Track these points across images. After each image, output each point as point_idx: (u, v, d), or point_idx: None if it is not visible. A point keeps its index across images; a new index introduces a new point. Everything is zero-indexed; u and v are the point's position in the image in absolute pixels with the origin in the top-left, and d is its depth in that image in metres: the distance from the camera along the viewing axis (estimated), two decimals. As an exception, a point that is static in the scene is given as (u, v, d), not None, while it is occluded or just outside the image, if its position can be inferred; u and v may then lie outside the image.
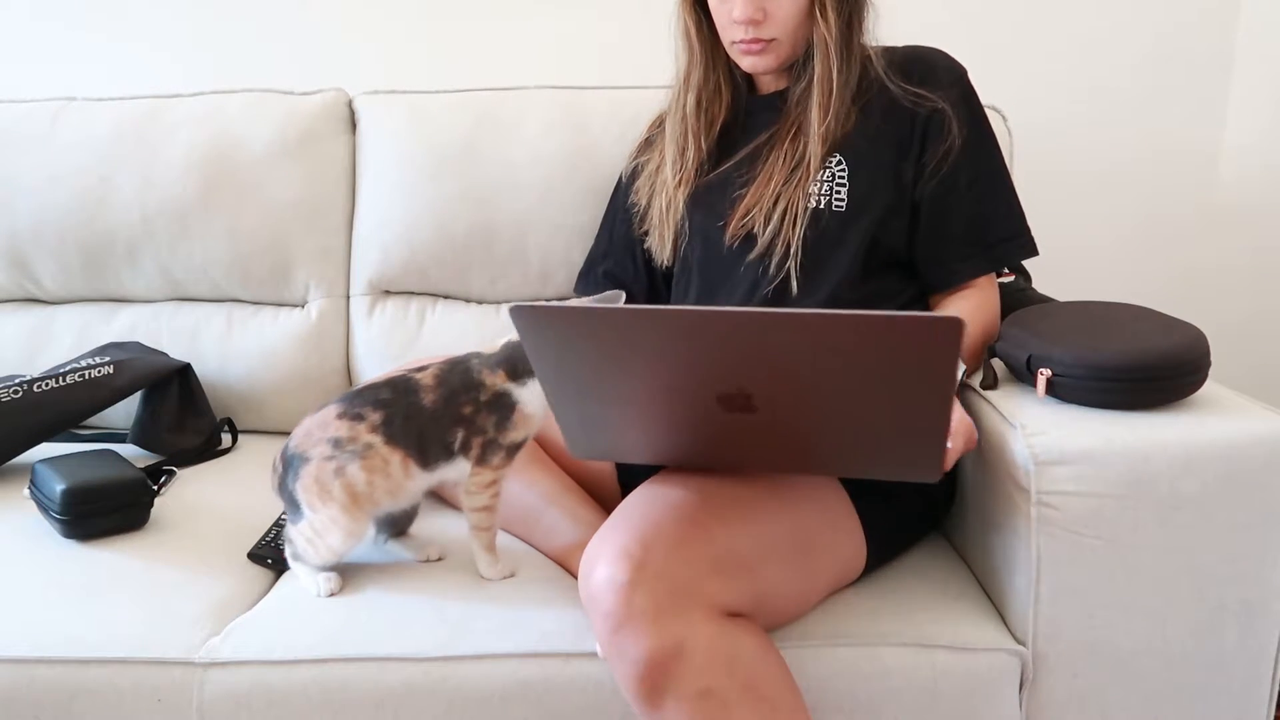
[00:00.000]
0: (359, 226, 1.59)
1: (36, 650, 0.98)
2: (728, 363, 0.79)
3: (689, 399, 0.84)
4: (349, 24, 1.77)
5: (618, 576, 0.86)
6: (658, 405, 0.86)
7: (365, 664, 0.97)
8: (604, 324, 0.79)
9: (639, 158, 1.35)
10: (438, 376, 1.03)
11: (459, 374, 1.03)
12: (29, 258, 1.59)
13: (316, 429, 1.04)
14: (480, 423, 1.02)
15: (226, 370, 1.56)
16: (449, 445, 1.02)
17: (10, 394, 1.35)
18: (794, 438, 0.87)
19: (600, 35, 1.77)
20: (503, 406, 1.02)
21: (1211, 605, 0.99)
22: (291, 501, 1.06)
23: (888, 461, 0.89)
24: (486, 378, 1.02)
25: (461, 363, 1.04)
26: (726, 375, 0.80)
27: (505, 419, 1.02)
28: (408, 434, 1.02)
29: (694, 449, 0.94)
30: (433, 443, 1.02)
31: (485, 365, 1.03)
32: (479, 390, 1.02)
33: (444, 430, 1.02)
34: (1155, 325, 1.08)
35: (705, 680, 0.85)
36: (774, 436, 0.88)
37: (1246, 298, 1.82)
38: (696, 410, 0.85)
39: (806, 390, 0.80)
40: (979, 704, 0.99)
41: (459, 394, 1.02)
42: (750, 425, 0.86)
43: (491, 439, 1.02)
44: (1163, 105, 1.76)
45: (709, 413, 0.85)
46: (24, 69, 1.80)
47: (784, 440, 0.88)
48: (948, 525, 1.21)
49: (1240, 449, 0.97)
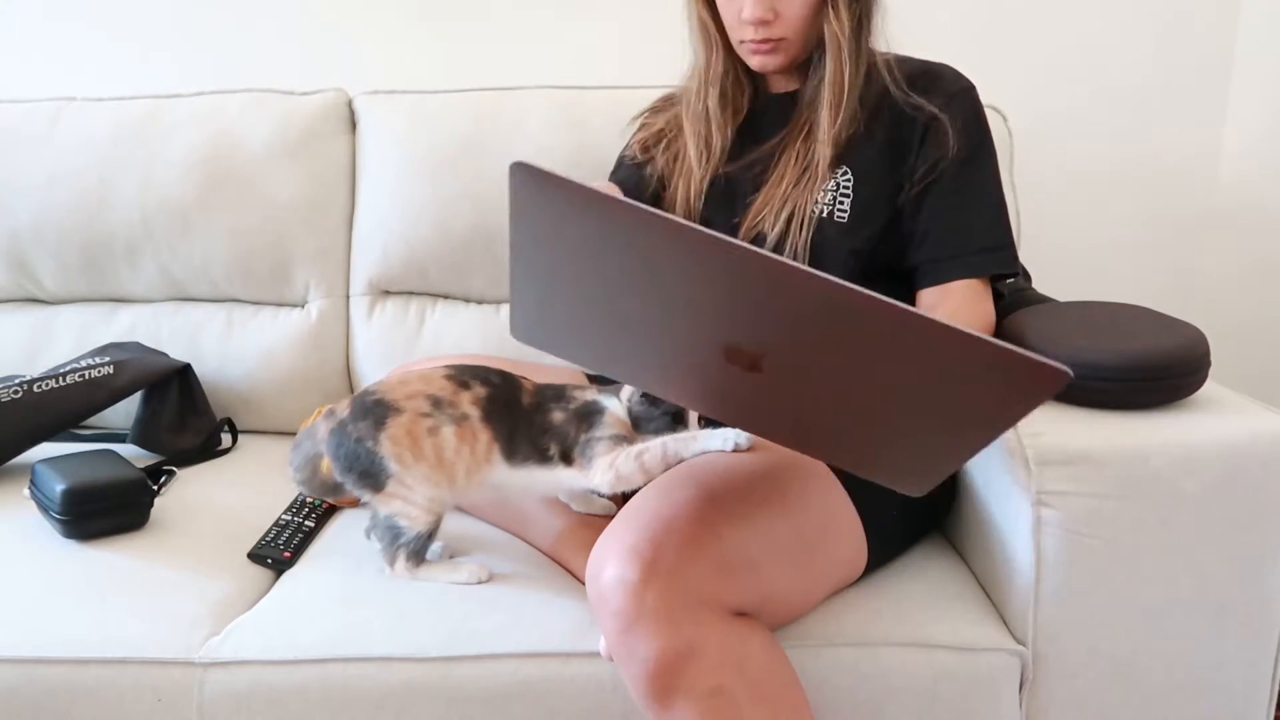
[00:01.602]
0: (359, 226, 1.59)
1: (36, 650, 0.98)
2: (757, 318, 0.69)
3: (687, 337, 0.75)
4: (349, 24, 1.77)
5: (628, 575, 0.86)
6: (643, 327, 0.76)
7: (365, 664, 0.96)
8: (620, 220, 0.67)
9: (651, 146, 1.31)
10: (538, 388, 1.06)
11: (552, 388, 1.05)
12: (29, 258, 1.59)
13: (417, 381, 1.02)
14: (568, 429, 1.02)
15: (226, 370, 1.56)
16: (543, 450, 1.02)
17: (10, 394, 1.35)
18: (789, 410, 0.81)
19: (600, 35, 1.77)
20: (590, 413, 1.03)
21: (1211, 605, 0.99)
22: (364, 460, 1.01)
23: (883, 466, 0.83)
24: (575, 393, 1.04)
25: (557, 384, 1.07)
26: (747, 329, 0.71)
27: (595, 422, 1.02)
28: (504, 421, 1.02)
29: (661, 380, 0.86)
30: (522, 440, 1.02)
31: (576, 386, 1.05)
32: (568, 400, 1.03)
33: (536, 434, 1.02)
34: (1155, 325, 1.08)
35: (716, 679, 0.85)
36: (766, 401, 0.80)
37: (1246, 298, 1.82)
38: (689, 350, 0.77)
39: (835, 373, 0.71)
40: (979, 704, 0.99)
41: (548, 401, 1.03)
42: (744, 382, 0.77)
43: (587, 439, 1.01)
44: (1163, 106, 1.76)
45: (702, 356, 0.76)
46: (24, 69, 1.80)
47: (775, 408, 0.81)
48: (948, 525, 1.21)
49: (1240, 449, 0.97)
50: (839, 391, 0.74)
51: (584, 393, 1.05)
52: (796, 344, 0.70)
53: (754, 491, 0.97)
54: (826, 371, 0.72)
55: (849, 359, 0.69)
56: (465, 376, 1.03)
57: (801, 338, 0.69)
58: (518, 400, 1.03)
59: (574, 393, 1.05)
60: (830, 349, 0.69)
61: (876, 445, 0.80)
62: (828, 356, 0.70)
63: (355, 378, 1.59)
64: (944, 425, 0.72)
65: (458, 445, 1.01)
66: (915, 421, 0.73)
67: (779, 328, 0.69)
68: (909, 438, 0.76)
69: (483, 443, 1.01)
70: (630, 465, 1.00)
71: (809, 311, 0.67)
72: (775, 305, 0.67)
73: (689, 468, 1.00)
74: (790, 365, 0.73)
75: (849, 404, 0.75)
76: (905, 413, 0.72)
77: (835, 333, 0.68)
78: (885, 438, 0.78)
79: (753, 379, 0.76)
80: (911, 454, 0.78)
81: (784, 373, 0.74)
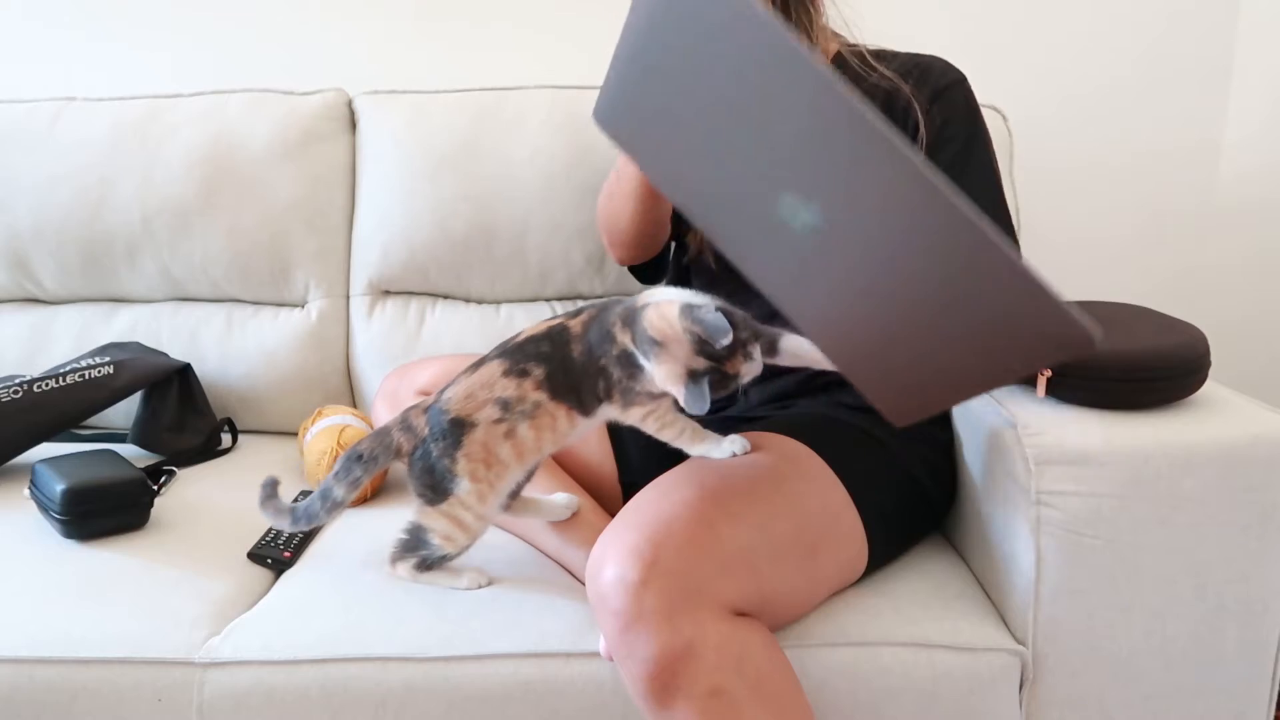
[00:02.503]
0: (359, 226, 1.59)
1: (36, 650, 0.98)
2: (833, 175, 0.70)
3: (760, 172, 0.74)
4: (349, 24, 1.77)
5: (628, 575, 0.86)
6: (725, 150, 0.75)
7: (365, 664, 0.97)
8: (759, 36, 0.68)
9: None
10: (584, 324, 1.01)
11: (598, 326, 1.00)
12: (29, 258, 1.59)
13: (480, 389, 1.00)
14: (614, 373, 0.99)
15: (226, 370, 1.56)
16: (597, 394, 1.00)
17: (10, 394, 1.35)
18: (818, 287, 0.78)
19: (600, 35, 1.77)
20: (631, 364, 0.98)
21: (1211, 605, 0.99)
22: (439, 476, 1.01)
23: (884, 376, 0.80)
24: (618, 333, 0.98)
25: (604, 312, 1.01)
26: (815, 184, 0.71)
27: (634, 373, 0.98)
28: (568, 387, 1.00)
29: (710, 212, 0.83)
30: (586, 392, 1.00)
31: (619, 318, 0.99)
32: (611, 344, 0.99)
33: (592, 380, 0.99)
34: (1155, 325, 1.08)
35: (715, 680, 0.85)
36: (798, 269, 0.78)
37: (1247, 297, 1.82)
38: (756, 187, 0.76)
39: (876, 258, 0.72)
40: (979, 704, 0.99)
41: (596, 348, 0.99)
42: (786, 240, 0.76)
43: (627, 387, 0.99)
44: (1163, 104, 1.76)
45: (763, 202, 0.76)
46: (24, 69, 1.80)
47: (803, 278, 0.79)
48: (948, 525, 1.21)
49: (1240, 449, 0.97)
50: (870, 278, 0.74)
51: (623, 335, 0.98)
52: (854, 212, 0.70)
53: (754, 492, 0.97)
54: (869, 252, 0.72)
55: (896, 247, 0.70)
56: (520, 363, 1.00)
57: (864, 207, 0.70)
58: (571, 356, 1.00)
59: (615, 331, 0.99)
60: (883, 230, 0.70)
61: (888, 347, 0.78)
62: (878, 236, 0.70)
63: (355, 378, 1.59)
64: (961, 348, 0.72)
65: (537, 435, 1.00)
66: (934, 332, 0.73)
67: (846, 189, 0.70)
68: (922, 348, 0.75)
69: (561, 417, 1.00)
70: (651, 428, 1.00)
71: (885, 186, 0.67)
72: (855, 170, 0.68)
73: (689, 468, 1.00)
74: (838, 234, 0.73)
75: (875, 294, 0.74)
76: (929, 318, 0.72)
77: (897, 216, 0.68)
78: (899, 340, 0.77)
79: (796, 240, 0.76)
80: (917, 369, 0.77)
81: (830, 240, 0.73)
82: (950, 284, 0.70)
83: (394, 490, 1.37)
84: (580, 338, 1.00)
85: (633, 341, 0.96)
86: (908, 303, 0.73)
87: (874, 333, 0.78)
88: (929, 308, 0.72)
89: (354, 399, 1.60)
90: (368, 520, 1.26)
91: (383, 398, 1.31)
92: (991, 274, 0.67)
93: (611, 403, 0.99)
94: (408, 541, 1.06)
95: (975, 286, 0.68)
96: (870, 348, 0.80)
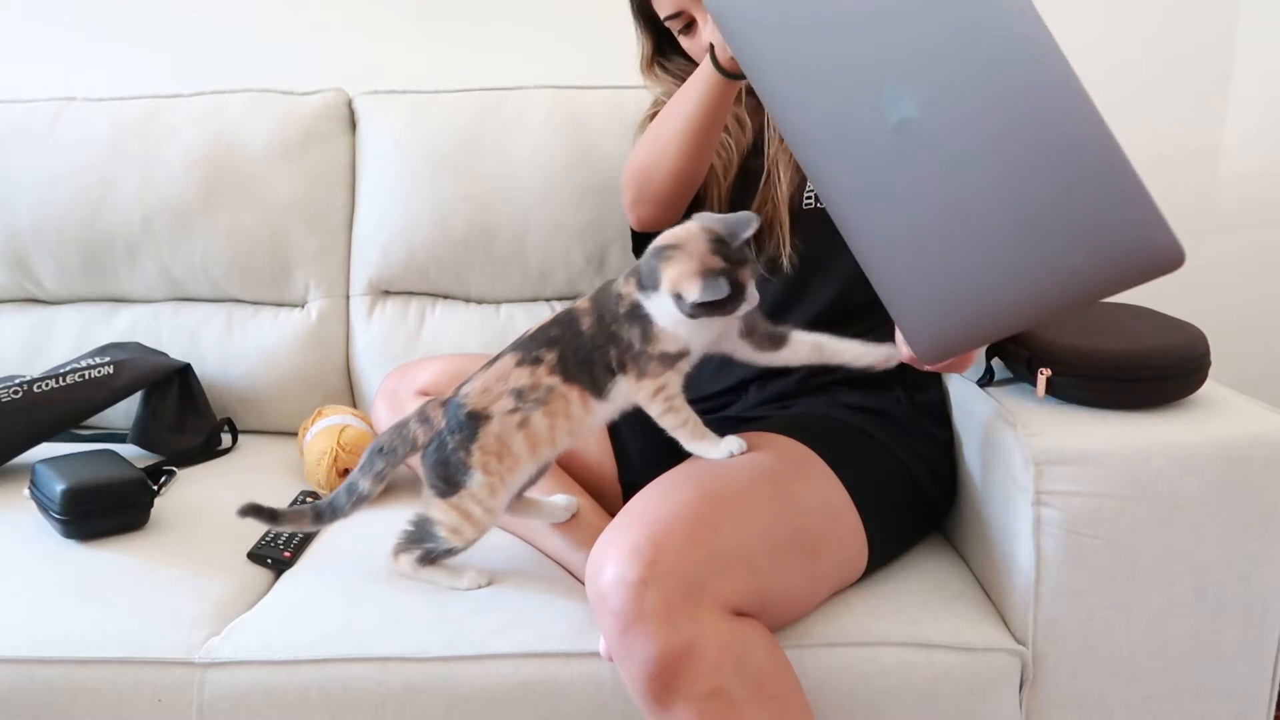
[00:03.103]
0: (359, 226, 1.59)
1: (36, 650, 0.98)
2: (946, 67, 0.72)
3: (867, 54, 0.77)
4: (349, 24, 1.77)
5: (628, 575, 0.86)
6: (836, 27, 0.78)
7: (365, 664, 0.96)
8: None
9: None
10: (593, 299, 1.01)
11: (606, 291, 1.01)
12: (29, 258, 1.59)
13: (495, 382, 1.00)
14: (626, 336, 0.98)
15: (226, 370, 1.56)
16: (610, 366, 0.99)
17: (10, 394, 1.35)
18: (890, 185, 0.79)
19: (600, 35, 1.77)
20: (639, 318, 0.98)
21: (1211, 605, 0.99)
22: (453, 468, 1.01)
23: (938, 298, 0.80)
24: (623, 288, 0.99)
25: (610, 282, 1.02)
26: (924, 70, 0.73)
27: (646, 330, 0.98)
28: (580, 367, 0.99)
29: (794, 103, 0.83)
30: (600, 369, 0.99)
31: (623, 277, 1.00)
32: (619, 303, 0.99)
33: (605, 353, 0.99)
34: (1155, 325, 1.08)
35: (715, 680, 0.85)
36: (871, 165, 0.79)
37: (1246, 297, 1.82)
38: (856, 68, 0.78)
39: (970, 154, 0.72)
40: (979, 704, 0.99)
41: (606, 311, 0.99)
42: (869, 136, 0.78)
43: (639, 351, 0.98)
44: (1163, 105, 1.76)
45: (861, 85, 0.77)
46: (24, 69, 1.80)
47: (876, 178, 0.79)
48: (948, 525, 1.21)
49: (1240, 449, 0.97)
50: (957, 170, 0.74)
51: (628, 286, 0.99)
52: (959, 96, 0.72)
53: (754, 492, 0.97)
54: (963, 143, 0.73)
55: (994, 132, 0.71)
56: (533, 351, 1.00)
57: (970, 89, 0.71)
58: (580, 334, 1.00)
59: (621, 287, 1.00)
60: (985, 114, 0.71)
61: (957, 257, 0.78)
62: (979, 120, 0.71)
63: (355, 378, 1.59)
64: (1040, 253, 0.71)
65: (550, 422, 1.00)
66: (1015, 234, 0.73)
67: (957, 74, 0.71)
68: (996, 254, 0.75)
69: (574, 401, 1.00)
70: (656, 410, 1.00)
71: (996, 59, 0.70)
72: (967, 49, 0.71)
73: (689, 468, 1.00)
74: (935, 124, 0.74)
75: (958, 189, 0.75)
76: (1013, 215, 0.72)
77: (1005, 94, 0.70)
78: (973, 246, 0.76)
79: (884, 140, 0.77)
80: (981, 284, 0.76)
81: (923, 132, 0.74)
82: (1046, 172, 0.69)
83: (394, 490, 1.36)
84: (589, 311, 1.00)
85: (638, 286, 0.97)
86: (992, 196, 0.72)
87: (946, 238, 0.77)
88: (1015, 202, 0.71)
89: (354, 399, 1.60)
90: (368, 520, 1.26)
91: (383, 398, 1.31)
92: (1094, 164, 0.66)
93: (625, 374, 0.99)
94: (413, 533, 1.06)
95: (1072, 177, 0.67)
96: (935, 260, 0.79)
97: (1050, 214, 0.72)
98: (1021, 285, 0.76)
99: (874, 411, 1.13)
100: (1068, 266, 0.73)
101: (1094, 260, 0.72)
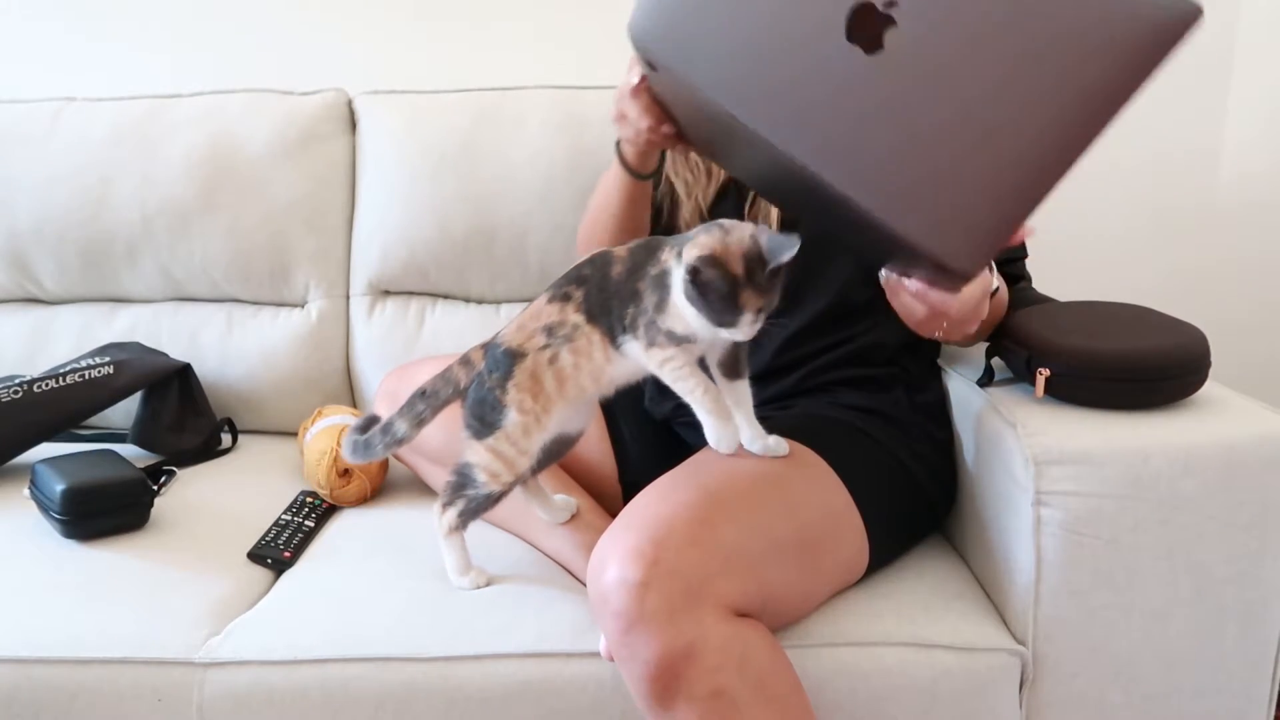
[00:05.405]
0: (359, 227, 1.59)
1: (36, 650, 0.98)
2: None
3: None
4: (349, 24, 1.77)
5: (630, 576, 0.86)
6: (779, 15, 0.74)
7: (365, 664, 0.96)
8: None
9: None
10: (631, 249, 1.00)
11: (647, 246, 0.99)
12: (29, 258, 1.59)
13: (529, 320, 1.00)
14: (646, 300, 0.97)
15: (226, 370, 1.56)
16: (624, 322, 0.98)
17: (10, 394, 1.35)
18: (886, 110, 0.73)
19: (600, 35, 1.77)
20: (662, 287, 0.96)
21: (1211, 605, 0.99)
22: (489, 407, 1.01)
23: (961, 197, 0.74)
24: (664, 253, 0.97)
25: (657, 239, 1.00)
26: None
27: (663, 301, 0.96)
28: (602, 308, 0.98)
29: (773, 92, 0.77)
30: (615, 316, 0.98)
31: (669, 245, 0.98)
32: (655, 263, 0.97)
33: (623, 303, 0.98)
34: (1155, 325, 1.08)
35: (717, 680, 0.85)
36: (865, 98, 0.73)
37: (1247, 297, 1.82)
38: (817, 23, 0.73)
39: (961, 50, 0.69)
40: (979, 704, 0.99)
41: (639, 266, 0.98)
42: (853, 74, 0.72)
43: (651, 319, 0.97)
44: (1163, 105, 1.76)
45: (827, 38, 0.72)
46: (24, 69, 1.80)
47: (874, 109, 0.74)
48: (948, 525, 1.21)
49: (1240, 449, 0.97)
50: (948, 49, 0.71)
51: (669, 253, 0.96)
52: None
53: (755, 492, 0.97)
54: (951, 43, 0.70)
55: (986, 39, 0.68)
56: (563, 288, 1.00)
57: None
58: (609, 276, 0.98)
59: (662, 252, 0.97)
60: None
61: (964, 145, 0.73)
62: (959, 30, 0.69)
63: (355, 378, 1.59)
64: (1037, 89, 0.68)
65: (574, 360, 0.99)
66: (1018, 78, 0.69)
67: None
68: (996, 116, 0.71)
69: (596, 342, 0.99)
70: (667, 378, 0.98)
71: None
72: None
73: (690, 468, 1.00)
74: (920, 34, 0.70)
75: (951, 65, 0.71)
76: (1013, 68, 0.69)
77: None
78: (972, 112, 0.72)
79: (863, 64, 0.72)
80: (995, 150, 0.72)
81: (908, 49, 0.71)
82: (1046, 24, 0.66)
83: (394, 490, 1.37)
84: (624, 260, 0.99)
85: (677, 255, 0.94)
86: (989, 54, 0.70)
87: (945, 125, 0.73)
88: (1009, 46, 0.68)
89: (354, 399, 1.60)
90: (368, 520, 1.26)
91: (382, 398, 1.31)
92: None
93: (635, 337, 0.97)
94: (456, 482, 1.04)
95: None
96: (943, 151, 0.74)
97: (1049, 32, 0.68)
98: (1039, 134, 0.72)
99: (874, 412, 1.13)
100: (1078, 85, 0.69)
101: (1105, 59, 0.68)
